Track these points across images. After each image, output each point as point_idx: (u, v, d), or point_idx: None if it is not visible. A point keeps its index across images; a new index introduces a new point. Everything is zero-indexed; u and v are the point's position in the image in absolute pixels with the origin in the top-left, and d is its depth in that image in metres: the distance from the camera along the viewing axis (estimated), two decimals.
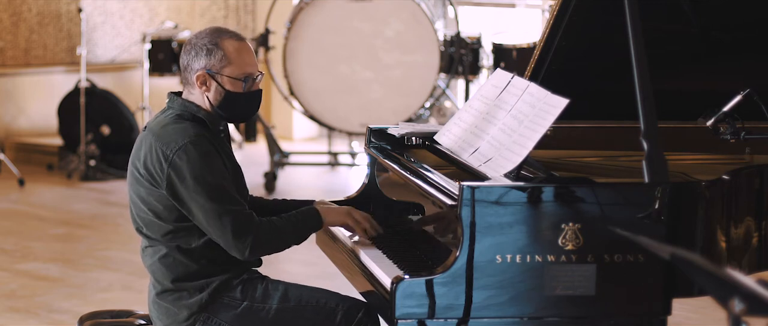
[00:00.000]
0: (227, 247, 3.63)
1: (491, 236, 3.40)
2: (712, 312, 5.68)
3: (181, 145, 3.62)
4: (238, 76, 3.71)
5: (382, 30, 8.73)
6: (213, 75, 3.70)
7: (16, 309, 5.96)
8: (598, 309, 3.47)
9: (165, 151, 3.63)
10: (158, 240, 3.72)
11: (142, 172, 3.68)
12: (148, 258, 3.78)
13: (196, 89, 3.73)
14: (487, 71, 8.79)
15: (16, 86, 9.97)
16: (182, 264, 3.71)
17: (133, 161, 3.74)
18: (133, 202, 3.76)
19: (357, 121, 8.79)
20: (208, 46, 3.70)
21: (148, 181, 3.66)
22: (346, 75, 8.79)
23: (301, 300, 3.74)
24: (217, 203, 3.59)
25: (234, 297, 3.72)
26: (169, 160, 3.61)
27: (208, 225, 3.61)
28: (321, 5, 8.71)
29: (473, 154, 3.74)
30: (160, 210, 3.68)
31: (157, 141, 3.66)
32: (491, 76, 3.95)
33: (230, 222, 3.59)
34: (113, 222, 7.93)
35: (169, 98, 3.79)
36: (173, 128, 3.67)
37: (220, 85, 3.71)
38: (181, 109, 3.73)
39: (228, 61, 3.70)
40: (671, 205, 3.49)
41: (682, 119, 4.15)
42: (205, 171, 3.60)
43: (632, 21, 3.59)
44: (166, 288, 3.74)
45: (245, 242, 3.60)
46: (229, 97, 3.72)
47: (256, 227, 3.62)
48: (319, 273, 5.17)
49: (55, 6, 10.23)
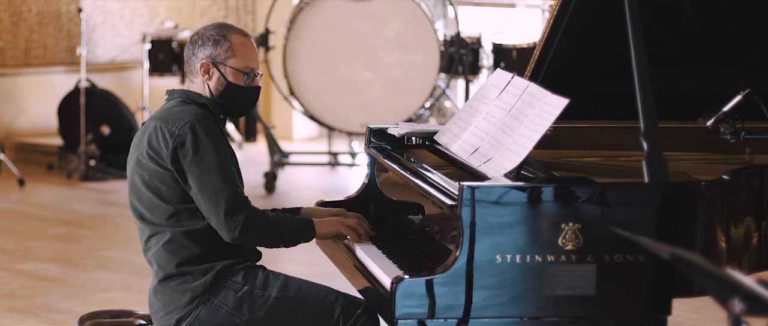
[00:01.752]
0: (218, 225, 3.67)
1: (491, 236, 3.40)
2: (712, 312, 5.68)
3: (187, 120, 3.71)
4: (240, 68, 3.80)
5: (382, 30, 8.73)
6: (217, 64, 3.80)
7: (16, 309, 5.96)
8: (598, 309, 3.47)
9: (171, 128, 3.71)
10: (162, 226, 3.76)
11: (146, 153, 3.73)
12: (152, 248, 3.80)
13: (198, 78, 3.82)
14: (487, 71, 8.79)
15: (16, 86, 9.97)
16: (186, 248, 3.75)
17: (134, 149, 3.80)
18: (135, 189, 3.79)
19: (357, 121, 8.79)
20: (216, 37, 3.81)
21: (154, 161, 3.72)
22: (346, 75, 8.79)
23: (300, 292, 3.79)
24: (216, 178, 3.66)
25: (235, 281, 3.77)
26: (174, 135, 3.69)
27: (203, 200, 3.67)
28: (321, 5, 8.71)
29: (473, 154, 3.74)
30: (164, 191, 3.73)
31: (163, 122, 3.74)
32: (491, 76, 3.95)
33: (225, 200, 3.65)
34: (113, 222, 7.93)
35: (168, 93, 3.88)
36: (179, 109, 3.77)
37: (223, 75, 3.80)
38: (183, 96, 3.83)
39: (233, 53, 3.80)
40: (671, 205, 3.49)
41: (682, 119, 4.15)
42: (209, 147, 3.68)
43: (632, 21, 3.59)
44: (169, 273, 3.77)
45: (236, 221, 3.64)
46: (229, 87, 3.81)
47: (249, 210, 3.68)
48: (319, 273, 5.16)
49: (55, 6, 10.23)
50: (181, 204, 3.73)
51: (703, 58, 4.30)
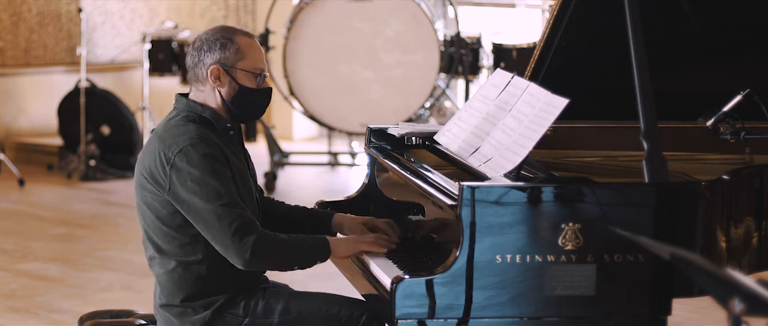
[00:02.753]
0: (226, 252, 3.54)
1: (491, 236, 3.40)
2: (712, 312, 5.68)
3: (181, 147, 3.57)
4: (251, 69, 3.70)
5: (382, 30, 8.73)
6: (227, 69, 3.68)
7: (16, 309, 5.96)
8: (598, 309, 3.47)
9: (167, 153, 3.58)
10: (165, 251, 3.67)
11: (146, 176, 3.64)
12: (156, 268, 3.72)
13: (206, 85, 3.69)
14: (487, 71, 8.80)
15: (16, 86, 9.97)
16: (188, 283, 3.65)
17: (138, 165, 3.70)
18: (140, 208, 3.71)
19: (357, 121, 8.79)
20: (222, 40, 3.68)
21: (152, 185, 3.62)
22: (346, 75, 8.79)
23: (302, 312, 3.68)
24: (216, 205, 3.52)
25: (236, 314, 3.67)
26: (170, 162, 3.57)
27: (207, 229, 3.54)
28: (321, 5, 8.71)
29: (473, 154, 3.74)
30: (164, 215, 3.63)
31: (161, 144, 3.62)
32: (491, 76, 3.95)
33: (228, 225, 3.50)
34: (113, 222, 7.93)
35: (176, 100, 3.76)
36: (177, 131, 3.63)
37: (234, 79, 3.68)
38: (186, 109, 3.69)
39: (242, 55, 3.69)
40: (671, 205, 3.49)
41: (682, 119, 4.15)
42: (206, 173, 3.54)
43: (632, 21, 3.59)
44: (171, 302, 3.70)
45: (245, 244, 3.50)
46: (242, 91, 3.69)
47: (258, 232, 3.54)
48: (319, 273, 5.15)
49: (55, 6, 10.23)
50: (182, 230, 3.62)
51: (703, 58, 4.30)
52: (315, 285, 4.07)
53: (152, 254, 3.72)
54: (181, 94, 3.76)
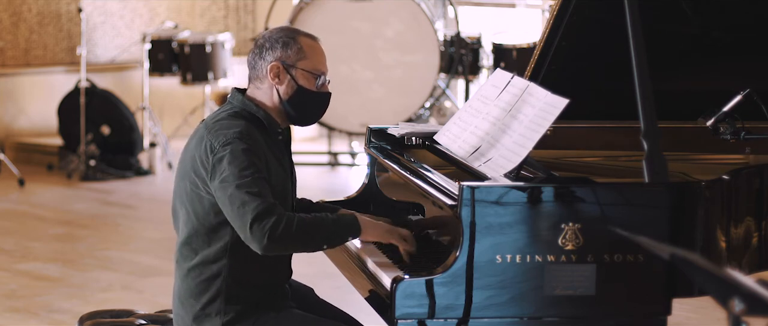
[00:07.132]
0: (247, 238, 3.46)
1: (491, 236, 3.40)
2: (712, 312, 5.68)
3: (229, 137, 3.53)
4: (312, 69, 3.68)
5: (382, 30, 8.73)
6: (287, 67, 3.66)
7: (16, 309, 5.96)
8: (598, 309, 3.47)
9: (213, 143, 3.55)
10: (192, 246, 3.62)
11: (190, 165, 3.61)
12: (181, 261, 3.67)
13: (265, 83, 3.66)
14: (487, 71, 8.80)
15: (16, 86, 9.97)
16: (207, 286, 3.60)
17: (184, 153, 3.67)
18: (178, 195, 3.66)
19: (357, 121, 8.79)
20: (285, 39, 3.67)
21: (196, 173, 3.58)
22: (346, 75, 8.79)
23: None
24: (243, 191, 3.46)
25: None
26: (215, 151, 3.53)
27: (231, 211, 3.48)
28: (321, 5, 8.71)
29: (473, 154, 3.74)
30: (199, 209, 3.59)
31: (209, 134, 3.58)
32: (491, 76, 3.95)
33: (252, 210, 3.44)
34: (113, 222, 7.92)
35: (231, 94, 3.72)
36: (226, 123, 3.60)
37: (294, 78, 3.66)
38: (240, 105, 3.66)
39: (304, 55, 3.68)
40: (671, 205, 3.49)
41: (682, 119, 4.15)
42: (244, 163, 3.49)
43: (632, 21, 3.59)
44: (190, 304, 3.64)
45: (263, 228, 3.43)
46: (300, 92, 3.67)
47: (278, 214, 3.47)
48: (319, 273, 5.16)
49: (55, 6, 10.23)
50: (214, 228, 3.58)
51: (703, 58, 4.30)
52: (315, 284, 4.06)
53: (180, 245, 3.66)
54: (237, 89, 3.73)
